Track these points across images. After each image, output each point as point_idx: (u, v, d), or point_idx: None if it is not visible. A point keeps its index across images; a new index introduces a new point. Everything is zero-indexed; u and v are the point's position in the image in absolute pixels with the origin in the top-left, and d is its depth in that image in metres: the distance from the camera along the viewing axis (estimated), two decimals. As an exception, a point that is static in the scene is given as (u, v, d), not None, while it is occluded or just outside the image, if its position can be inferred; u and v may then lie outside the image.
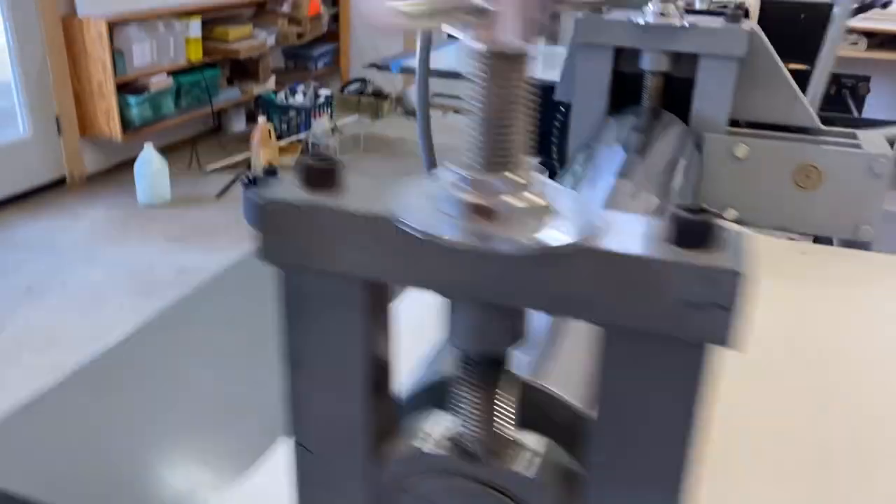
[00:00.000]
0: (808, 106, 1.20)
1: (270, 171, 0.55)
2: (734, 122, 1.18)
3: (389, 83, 5.83)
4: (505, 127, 0.39)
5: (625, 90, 1.19)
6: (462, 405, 0.45)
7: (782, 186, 1.17)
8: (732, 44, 1.10)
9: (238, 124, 5.55)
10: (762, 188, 1.17)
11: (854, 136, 1.20)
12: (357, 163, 5.02)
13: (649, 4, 1.12)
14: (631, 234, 0.39)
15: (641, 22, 1.12)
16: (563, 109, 1.29)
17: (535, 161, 1.05)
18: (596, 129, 1.19)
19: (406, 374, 0.52)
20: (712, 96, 1.14)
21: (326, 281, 0.44)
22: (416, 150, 1.30)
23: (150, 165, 4.30)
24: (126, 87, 4.57)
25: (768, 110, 1.19)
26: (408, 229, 0.39)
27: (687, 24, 1.10)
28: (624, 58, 1.17)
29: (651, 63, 1.14)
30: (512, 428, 0.45)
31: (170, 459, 0.85)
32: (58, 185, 4.49)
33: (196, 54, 5.03)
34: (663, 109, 1.17)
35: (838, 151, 1.14)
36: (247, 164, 4.81)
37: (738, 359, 0.41)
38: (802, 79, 2.11)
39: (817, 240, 1.33)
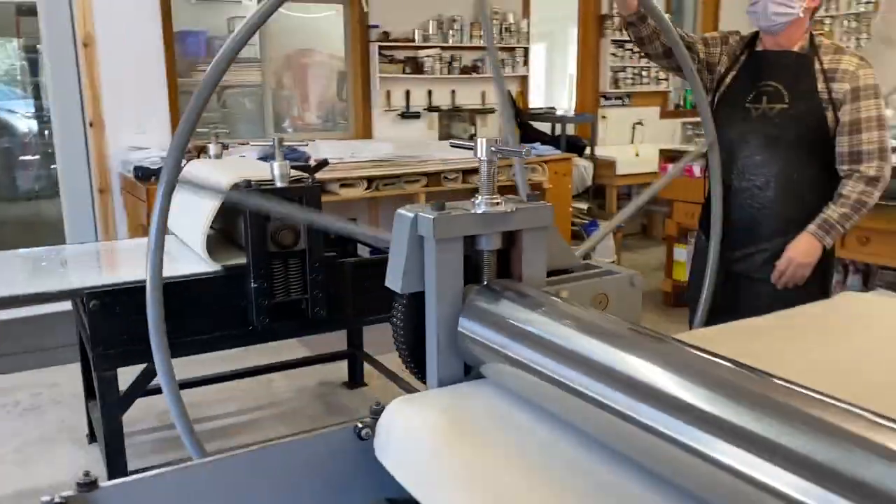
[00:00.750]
0: (572, 253, 1.57)
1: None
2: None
3: None
4: None
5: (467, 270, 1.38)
6: None
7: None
8: (544, 218, 1.41)
9: None
10: (579, 320, 1.48)
11: (599, 266, 1.62)
12: None
13: (478, 197, 1.36)
14: None
15: (480, 212, 1.34)
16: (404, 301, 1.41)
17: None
18: (455, 308, 1.35)
19: None
20: (534, 260, 1.42)
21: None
22: None
23: None
24: None
25: (554, 260, 1.52)
26: None
27: (514, 209, 1.36)
28: (466, 244, 1.37)
29: (488, 244, 1.37)
30: None
31: None
32: None
33: None
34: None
35: (614, 278, 1.53)
36: None
37: None
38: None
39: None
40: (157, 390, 3.21)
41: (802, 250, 2.27)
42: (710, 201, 2.44)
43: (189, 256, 2.65)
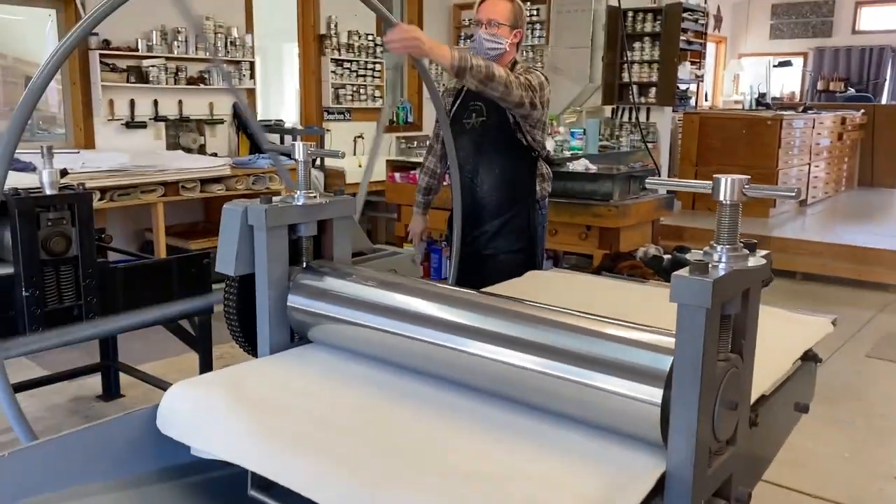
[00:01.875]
0: (367, 239, 1.93)
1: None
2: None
3: None
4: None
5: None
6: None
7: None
8: (349, 209, 1.74)
9: None
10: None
11: (386, 249, 1.99)
12: None
13: (297, 192, 1.65)
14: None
15: (300, 203, 1.64)
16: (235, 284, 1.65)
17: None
18: (283, 286, 1.63)
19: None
20: (342, 243, 1.75)
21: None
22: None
23: None
24: None
25: (355, 244, 1.86)
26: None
27: (326, 201, 1.68)
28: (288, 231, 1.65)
29: (306, 230, 1.67)
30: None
31: None
32: None
33: None
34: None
35: (400, 257, 1.92)
36: None
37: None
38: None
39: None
40: None
41: (429, 39, 2.33)
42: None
43: (-62, 270, 2.50)
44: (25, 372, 3.62)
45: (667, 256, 4.28)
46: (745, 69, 12.52)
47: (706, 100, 11.76)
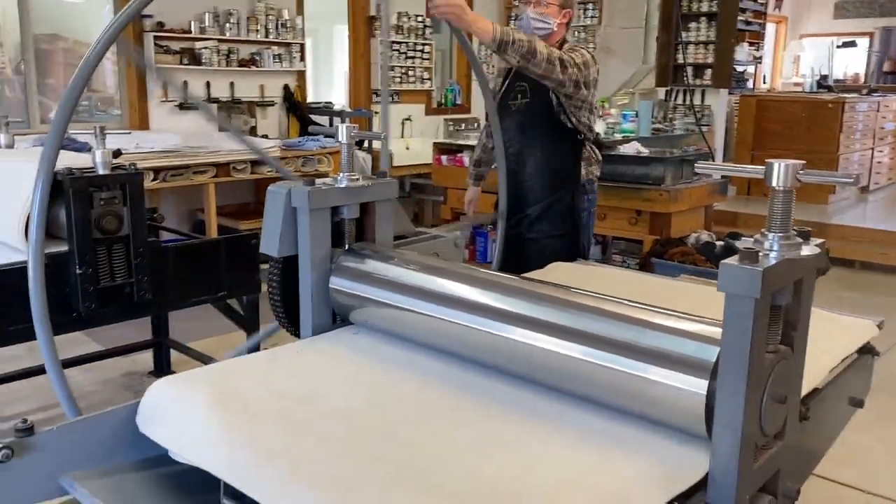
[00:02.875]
0: (409, 222, 1.92)
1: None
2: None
3: None
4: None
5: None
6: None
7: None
8: (391, 191, 1.73)
9: None
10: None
11: (428, 232, 1.98)
12: None
13: (341, 174, 1.65)
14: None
15: (343, 186, 1.63)
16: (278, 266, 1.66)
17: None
18: (326, 268, 1.63)
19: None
20: (384, 226, 1.74)
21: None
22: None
23: None
24: None
25: (397, 227, 1.85)
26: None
27: (369, 184, 1.67)
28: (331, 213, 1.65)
29: (349, 213, 1.67)
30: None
31: None
32: None
33: None
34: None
35: (442, 240, 1.90)
36: None
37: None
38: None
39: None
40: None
41: (472, 12, 2.37)
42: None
43: (-2, 247, 2.58)
44: (81, 347, 3.73)
45: (719, 243, 4.18)
46: (807, 50, 12.09)
47: (764, 82, 11.40)
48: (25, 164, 2.57)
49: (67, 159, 2.63)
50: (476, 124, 7.11)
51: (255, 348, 2.03)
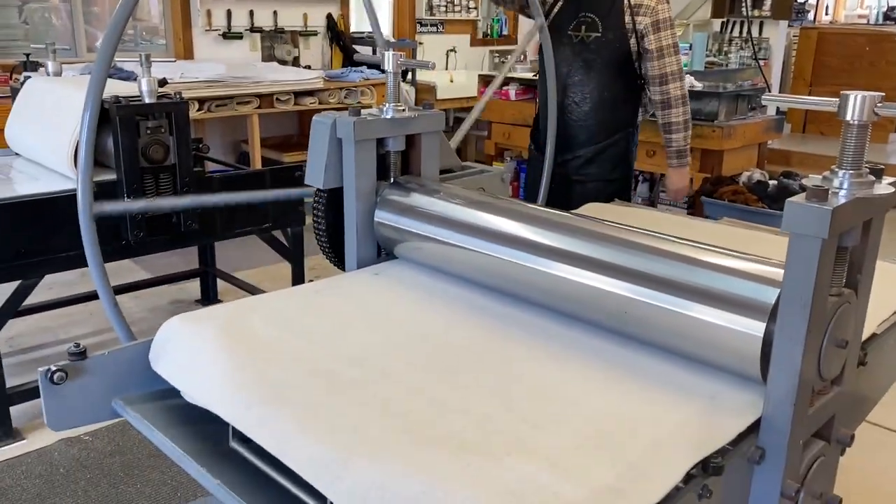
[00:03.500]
0: (456, 155, 1.88)
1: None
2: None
3: None
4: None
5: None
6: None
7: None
8: (438, 123, 1.69)
9: None
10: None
11: (474, 166, 1.94)
12: None
13: (386, 105, 1.61)
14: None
15: (388, 117, 1.60)
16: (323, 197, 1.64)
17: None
18: (371, 201, 1.61)
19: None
20: (430, 159, 1.71)
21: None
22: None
23: None
24: None
25: (443, 160, 1.82)
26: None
27: (415, 115, 1.63)
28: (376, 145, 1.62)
29: (395, 145, 1.63)
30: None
31: None
32: None
33: None
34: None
35: (488, 175, 1.86)
36: None
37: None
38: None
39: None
40: (28, 310, 3.15)
41: (675, 181, 2.90)
42: (539, 119, 2.87)
43: (48, 176, 2.62)
44: (130, 275, 3.82)
45: (772, 182, 4.04)
46: (874, -21, 11.43)
47: (826, 13, 10.86)
48: (73, 92, 2.58)
49: (114, 88, 2.64)
50: (522, 56, 6.93)
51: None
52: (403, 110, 1.62)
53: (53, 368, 1.23)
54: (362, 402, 1.08)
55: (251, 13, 5.68)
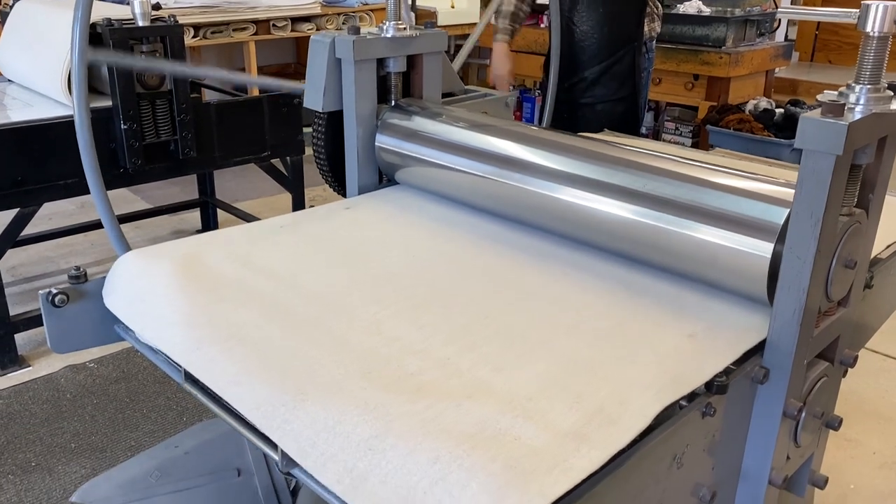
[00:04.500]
0: (459, 79, 1.83)
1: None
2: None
3: None
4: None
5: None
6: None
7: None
8: (441, 43, 1.64)
9: None
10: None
11: (477, 90, 1.89)
12: None
13: (387, 23, 1.56)
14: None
15: (389, 36, 1.55)
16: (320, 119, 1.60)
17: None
18: (371, 124, 1.58)
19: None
20: (432, 81, 1.66)
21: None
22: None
23: None
24: None
25: (446, 85, 1.77)
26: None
27: (417, 34, 1.58)
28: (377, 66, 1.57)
29: (396, 66, 1.59)
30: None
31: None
32: None
33: None
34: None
35: (492, 99, 1.82)
36: None
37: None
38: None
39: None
40: (29, 240, 3.15)
41: None
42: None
43: (43, 102, 2.57)
44: (130, 205, 3.80)
45: (779, 111, 3.97)
46: None
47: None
48: (64, 14, 2.51)
49: (105, 10, 2.56)
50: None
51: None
52: (405, 29, 1.57)
53: (54, 291, 1.22)
54: (318, 343, 1.02)
55: (245, -65, 5.49)
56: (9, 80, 2.83)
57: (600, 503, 0.78)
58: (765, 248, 1.02)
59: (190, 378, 1.05)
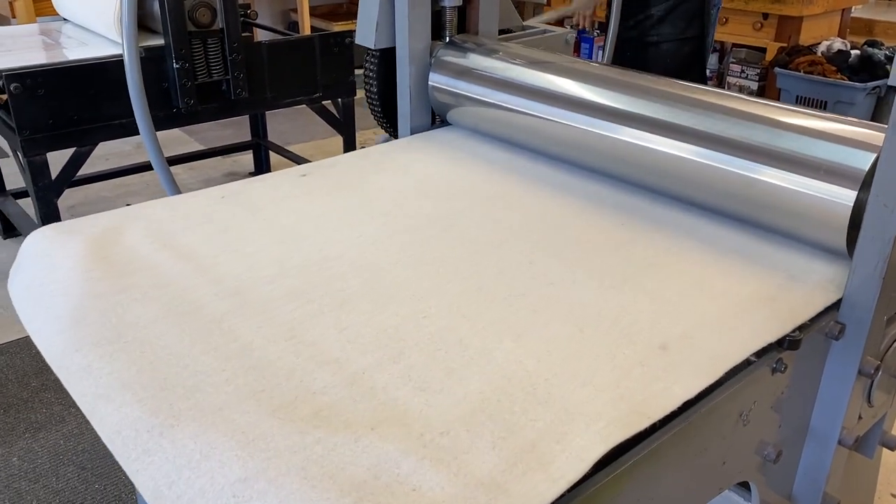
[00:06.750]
0: (517, 14, 1.75)
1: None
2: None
3: None
4: None
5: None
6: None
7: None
8: (500, -24, 1.56)
9: None
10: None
11: (536, 27, 1.81)
12: None
13: (441, -44, 1.48)
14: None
15: (443, -31, 1.47)
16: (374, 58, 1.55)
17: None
18: (425, 62, 1.52)
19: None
20: (489, 16, 1.59)
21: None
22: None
23: None
24: None
25: (503, 21, 1.69)
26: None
27: (474, -34, 1.50)
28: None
29: (451, 0, 1.52)
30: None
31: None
32: None
33: None
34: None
35: (551, 36, 1.74)
36: None
37: None
38: None
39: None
40: (86, 180, 3.20)
41: None
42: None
43: (96, 41, 2.57)
44: (184, 146, 3.83)
45: (854, 52, 3.75)
46: None
47: None
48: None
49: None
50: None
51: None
52: (462, -40, 1.50)
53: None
54: (216, 349, 0.84)
55: None
56: (64, 19, 2.84)
57: (664, 458, 0.75)
58: (847, 196, 0.95)
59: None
